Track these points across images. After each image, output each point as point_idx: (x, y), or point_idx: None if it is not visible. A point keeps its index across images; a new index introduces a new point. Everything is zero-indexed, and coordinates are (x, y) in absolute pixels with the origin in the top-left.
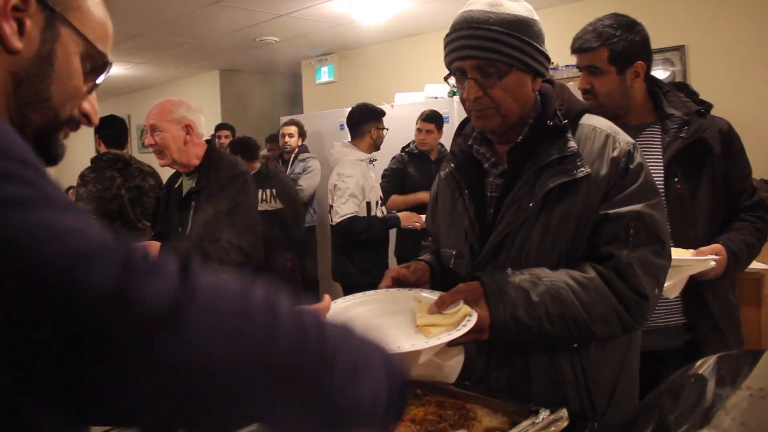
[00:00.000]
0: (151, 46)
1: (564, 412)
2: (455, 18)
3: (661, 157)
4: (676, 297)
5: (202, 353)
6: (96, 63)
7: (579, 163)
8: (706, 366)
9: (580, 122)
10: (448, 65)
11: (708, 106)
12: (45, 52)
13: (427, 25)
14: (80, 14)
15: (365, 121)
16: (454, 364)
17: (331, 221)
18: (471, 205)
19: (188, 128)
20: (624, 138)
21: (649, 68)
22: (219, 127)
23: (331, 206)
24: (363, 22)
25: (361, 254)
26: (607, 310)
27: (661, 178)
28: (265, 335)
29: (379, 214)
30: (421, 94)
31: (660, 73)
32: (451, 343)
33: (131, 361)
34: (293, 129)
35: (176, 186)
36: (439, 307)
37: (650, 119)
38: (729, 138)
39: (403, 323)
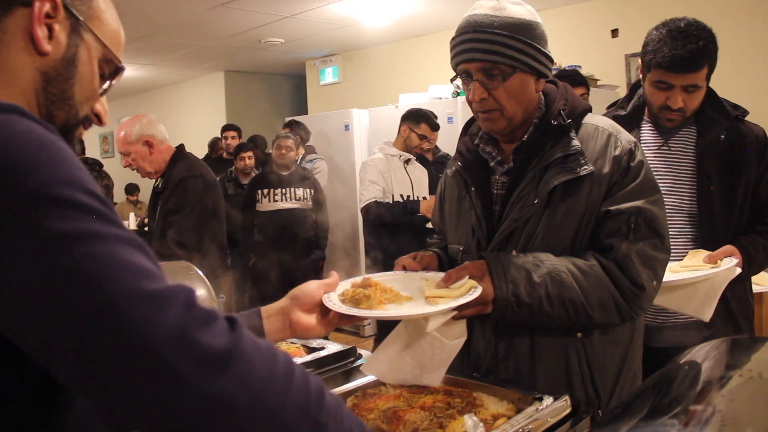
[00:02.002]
0: (157, 47)
1: (567, 400)
2: (460, 22)
3: (695, 158)
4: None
5: (241, 391)
6: (111, 67)
7: (582, 162)
8: (698, 353)
9: (583, 121)
10: (454, 67)
11: (744, 112)
12: (70, 54)
13: (430, 26)
14: (100, 23)
15: (402, 121)
16: (456, 344)
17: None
18: (478, 202)
19: (148, 142)
20: (625, 137)
21: None
22: (225, 128)
23: None
24: (367, 23)
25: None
26: (605, 296)
27: (694, 180)
28: (284, 389)
29: None
30: (426, 95)
31: None
32: (458, 316)
33: (183, 391)
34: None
35: (154, 185)
36: (446, 282)
37: (689, 119)
38: (764, 145)
39: (413, 301)
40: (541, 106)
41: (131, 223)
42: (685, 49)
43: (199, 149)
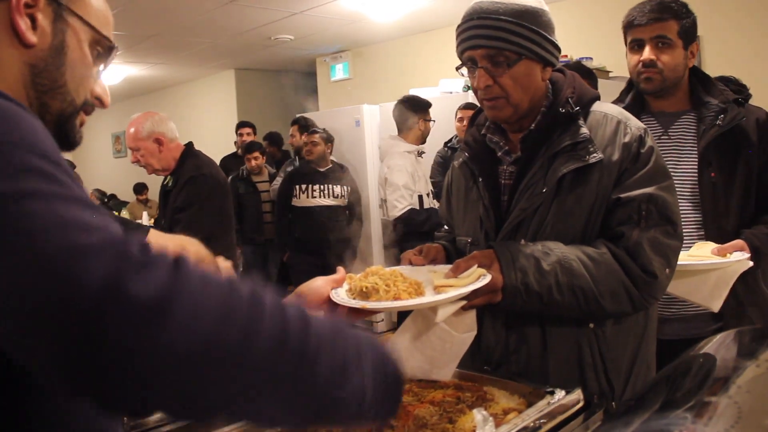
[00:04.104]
0: (167, 46)
1: (579, 393)
2: (467, 9)
3: (695, 145)
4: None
5: (187, 341)
6: (103, 48)
7: (591, 149)
8: (712, 345)
9: (591, 109)
10: (460, 55)
11: (747, 95)
12: (58, 42)
13: (440, 20)
14: (83, 5)
15: (413, 114)
16: (466, 339)
17: (384, 215)
18: (486, 193)
19: (158, 140)
20: (635, 123)
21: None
22: (240, 125)
23: (383, 200)
24: (377, 18)
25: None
26: (616, 285)
27: (695, 167)
28: (247, 328)
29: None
30: (436, 90)
31: None
32: (467, 306)
33: (119, 348)
34: (293, 129)
35: (164, 183)
36: (455, 271)
37: (686, 107)
38: (766, 128)
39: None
40: (549, 94)
41: (144, 221)
42: (645, 5)
43: (210, 147)
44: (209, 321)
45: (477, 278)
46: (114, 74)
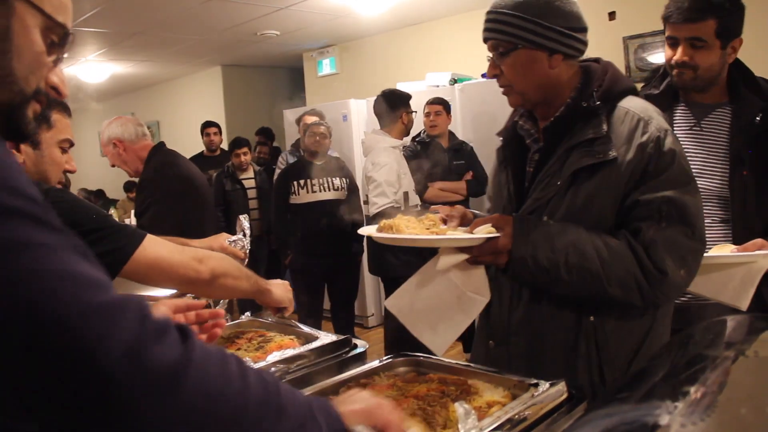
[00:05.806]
0: (152, 43)
1: (562, 386)
2: None
3: (727, 140)
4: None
5: (197, 403)
6: (58, 35)
7: (608, 147)
8: (697, 332)
9: (618, 104)
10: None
11: None
12: (1, 28)
13: (427, 13)
14: None
15: (396, 107)
16: (475, 300)
17: (368, 212)
18: (511, 179)
19: (115, 144)
20: (656, 124)
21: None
22: (206, 125)
23: (368, 196)
24: (363, 13)
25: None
26: (625, 274)
27: (726, 163)
28: (240, 388)
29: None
30: (423, 83)
31: None
32: (471, 259)
33: (136, 411)
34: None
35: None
36: (471, 228)
37: (724, 99)
38: None
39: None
40: (578, 85)
41: (132, 220)
42: (688, 1)
43: (197, 145)
44: (215, 383)
45: (487, 233)
46: (99, 72)
